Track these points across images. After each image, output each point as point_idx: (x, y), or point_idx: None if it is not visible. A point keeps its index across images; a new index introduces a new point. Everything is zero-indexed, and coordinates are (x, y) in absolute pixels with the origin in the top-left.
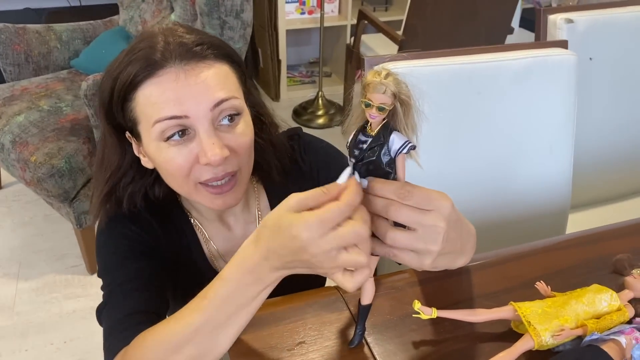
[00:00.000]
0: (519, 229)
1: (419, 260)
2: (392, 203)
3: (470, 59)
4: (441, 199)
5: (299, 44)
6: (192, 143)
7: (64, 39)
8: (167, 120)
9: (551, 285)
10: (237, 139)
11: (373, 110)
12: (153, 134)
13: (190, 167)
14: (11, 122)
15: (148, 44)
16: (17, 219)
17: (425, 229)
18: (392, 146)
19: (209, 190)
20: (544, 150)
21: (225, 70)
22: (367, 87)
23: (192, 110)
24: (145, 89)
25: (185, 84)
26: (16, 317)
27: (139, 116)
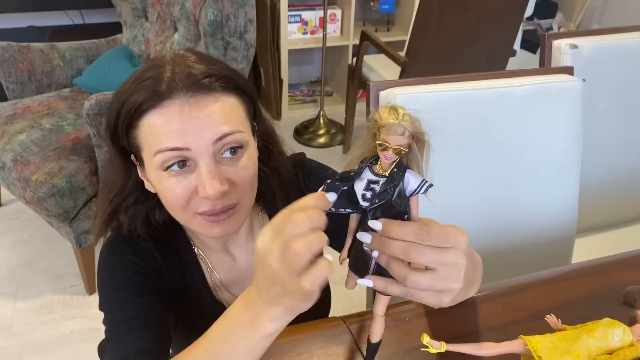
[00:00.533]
0: (524, 256)
1: (439, 299)
2: (411, 245)
3: (476, 85)
4: (458, 234)
5: (301, 64)
6: (192, 175)
7: (67, 57)
8: (168, 151)
9: (560, 317)
10: (239, 172)
11: (389, 152)
12: (154, 163)
13: (189, 198)
14: (13, 141)
15: (156, 73)
16: (16, 238)
17: (447, 267)
18: (407, 186)
19: (205, 219)
20: (549, 177)
21: (232, 103)
22: (383, 128)
23: (194, 143)
24: (149, 118)
25: (189, 117)
26: (13, 338)
27: (142, 144)
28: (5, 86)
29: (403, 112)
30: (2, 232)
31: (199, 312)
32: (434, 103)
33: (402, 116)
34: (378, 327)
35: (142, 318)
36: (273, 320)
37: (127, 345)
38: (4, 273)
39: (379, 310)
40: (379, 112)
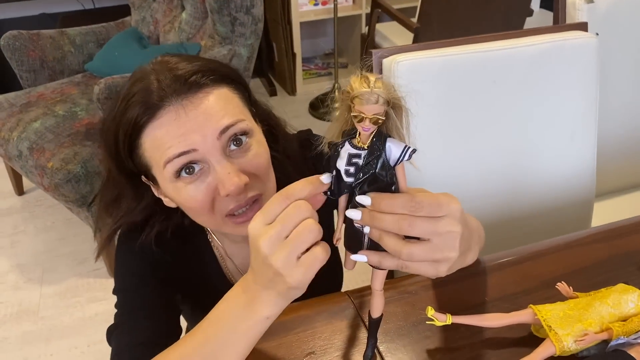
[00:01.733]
0: (541, 223)
1: (435, 269)
2: (403, 218)
3: (484, 47)
4: (450, 202)
5: (314, 36)
6: (208, 177)
7: (77, 42)
8: (176, 158)
9: (574, 284)
10: (252, 161)
11: (367, 123)
12: (167, 175)
13: (212, 201)
14: (28, 129)
15: (142, 86)
16: (40, 224)
17: (441, 237)
18: (390, 156)
19: (235, 221)
20: (564, 139)
21: (225, 93)
22: (356, 99)
23: (199, 142)
24: (149, 134)
25: (187, 119)
26: (40, 322)
27: (149, 161)
28: (19, 75)
29: (374, 79)
30: (26, 219)
31: (214, 298)
32: (440, 68)
33: (373, 83)
34: (378, 302)
35: (151, 309)
36: (268, 304)
37: (131, 335)
38: (29, 259)
39: (377, 285)
40: (350, 82)
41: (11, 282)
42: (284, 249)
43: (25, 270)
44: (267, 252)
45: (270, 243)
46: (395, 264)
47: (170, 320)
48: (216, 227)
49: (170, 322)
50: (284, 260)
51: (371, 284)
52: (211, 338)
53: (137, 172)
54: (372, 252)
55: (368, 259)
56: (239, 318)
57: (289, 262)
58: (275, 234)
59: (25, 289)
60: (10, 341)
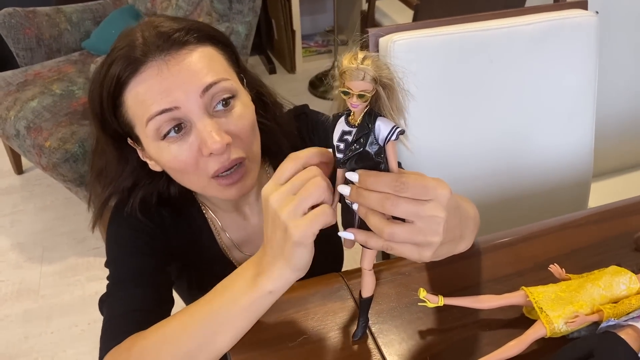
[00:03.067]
0: (538, 203)
1: (419, 253)
2: (387, 197)
3: (482, 26)
4: (438, 187)
5: (314, 12)
6: (190, 136)
7: (74, 20)
8: (158, 115)
9: (567, 266)
10: (236, 122)
11: (353, 99)
12: (149, 134)
13: (196, 161)
14: (25, 108)
15: (126, 43)
16: (39, 203)
17: (424, 220)
18: (379, 134)
19: (220, 182)
20: (563, 119)
21: (209, 52)
22: (344, 74)
23: (181, 99)
24: (131, 90)
25: (169, 74)
26: (41, 300)
27: (132, 119)
28: (16, 53)
29: (364, 56)
30: (25, 199)
31: (210, 273)
32: (437, 47)
33: (361, 60)
34: (368, 281)
35: (141, 278)
36: (273, 276)
37: (122, 304)
38: (29, 238)
39: (365, 264)
40: (341, 62)
41: (12, 261)
42: (291, 202)
43: (25, 249)
44: (276, 206)
45: (279, 198)
46: (380, 244)
47: (161, 288)
48: (202, 190)
49: (162, 290)
50: (291, 212)
51: (360, 263)
52: (215, 309)
53: (122, 134)
54: (360, 230)
55: (355, 237)
56: (242, 291)
57: (295, 214)
58: (285, 191)
59: (26, 267)
60: (12, 319)
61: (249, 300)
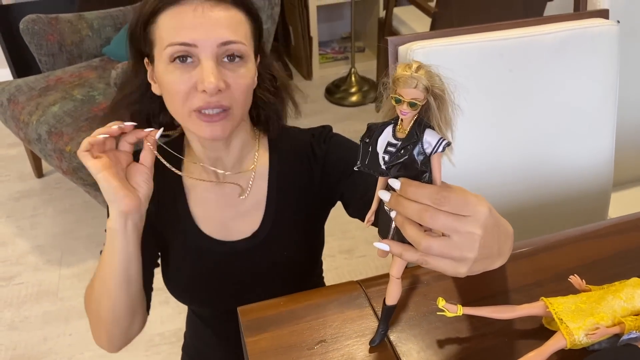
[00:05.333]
0: (557, 213)
1: (454, 268)
2: (426, 209)
3: (501, 35)
4: (478, 204)
5: (331, 19)
6: (194, 70)
7: (95, 26)
8: (177, 45)
9: (587, 277)
10: (236, 78)
11: (404, 107)
12: (164, 56)
13: (188, 92)
14: (47, 113)
15: None
16: (59, 206)
17: (461, 235)
18: (426, 145)
19: (200, 118)
20: (583, 129)
21: (239, 17)
22: (397, 81)
23: (202, 41)
24: (166, 15)
25: (202, 16)
26: (60, 302)
27: (156, 39)
28: (38, 59)
29: (418, 66)
30: (45, 202)
31: (181, 243)
32: (456, 56)
33: (415, 69)
34: (394, 289)
35: None
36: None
37: None
38: (49, 241)
39: (395, 272)
40: (396, 69)
41: (31, 263)
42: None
43: (44, 251)
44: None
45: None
46: (416, 258)
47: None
48: (182, 119)
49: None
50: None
51: (390, 270)
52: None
53: (142, 53)
54: (395, 242)
55: (390, 248)
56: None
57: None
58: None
59: (45, 270)
60: (31, 320)
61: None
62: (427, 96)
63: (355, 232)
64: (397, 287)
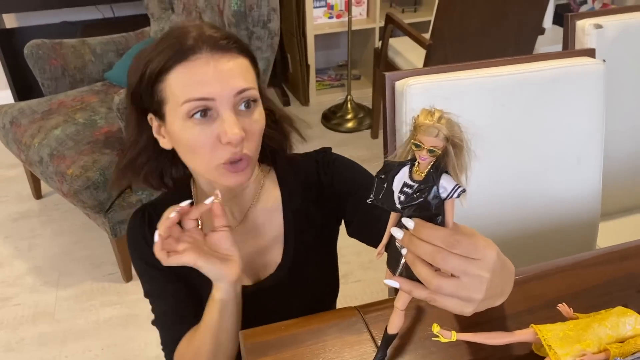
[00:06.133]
0: (547, 243)
1: (461, 307)
2: (439, 251)
3: (494, 72)
4: (487, 247)
5: (328, 48)
6: (214, 124)
7: (97, 52)
8: (195, 101)
9: (575, 305)
10: (252, 124)
11: (423, 153)
12: (180, 113)
13: (212, 145)
14: (49, 136)
15: (180, 33)
16: (56, 228)
17: (470, 278)
18: (442, 189)
19: (227, 168)
20: (571, 162)
21: (246, 64)
22: (419, 128)
23: (219, 94)
24: (177, 72)
25: (215, 70)
26: (56, 324)
27: (168, 97)
28: (41, 83)
29: (440, 115)
30: (43, 223)
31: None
32: (449, 92)
33: (437, 119)
34: (396, 319)
35: (175, 309)
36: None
37: (169, 337)
38: (46, 262)
39: (400, 305)
40: (419, 114)
41: (28, 285)
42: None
43: (41, 273)
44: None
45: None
46: (425, 295)
47: (193, 301)
48: (207, 171)
49: (195, 305)
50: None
51: (395, 302)
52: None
53: (147, 109)
54: (406, 280)
55: (400, 286)
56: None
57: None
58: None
59: (42, 291)
60: (27, 342)
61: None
62: (446, 144)
63: (350, 257)
64: (400, 318)
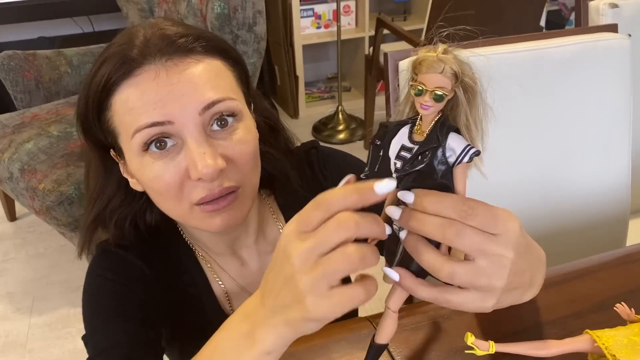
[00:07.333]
0: (571, 241)
1: (480, 301)
2: (450, 223)
3: (509, 48)
4: (509, 219)
5: (317, 60)
6: (179, 155)
7: (74, 63)
8: (147, 128)
9: (632, 305)
10: (235, 147)
11: (426, 98)
12: (134, 147)
13: (180, 184)
14: (20, 150)
15: (125, 40)
16: (32, 251)
17: (489, 259)
18: (449, 152)
19: (203, 208)
20: (597, 149)
21: (217, 66)
22: (419, 66)
23: (177, 114)
24: (121, 93)
25: (167, 82)
26: (28, 355)
27: (118, 127)
28: (14, 96)
29: (444, 48)
30: (18, 246)
31: (203, 327)
32: None
33: (441, 51)
34: (388, 324)
35: (125, 347)
36: (272, 335)
37: None
38: (20, 287)
39: (392, 304)
40: (420, 53)
41: None
42: (317, 271)
43: (14, 299)
44: (298, 266)
45: (304, 257)
46: (433, 295)
47: (148, 349)
48: (182, 218)
49: (148, 353)
50: (314, 283)
51: (386, 300)
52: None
53: (105, 143)
54: (409, 274)
55: (401, 281)
56: (236, 350)
57: (319, 289)
58: (311, 249)
59: (14, 319)
60: None
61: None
62: (454, 86)
63: None
64: (392, 323)
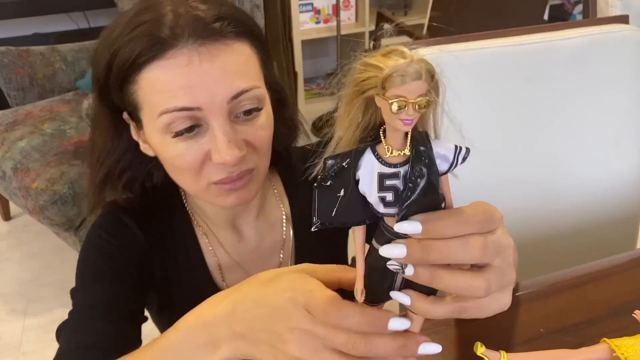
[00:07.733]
0: (579, 241)
1: (501, 302)
2: (474, 238)
3: (517, 40)
4: (495, 211)
5: (316, 56)
6: (203, 138)
7: (69, 59)
8: (176, 112)
9: None
10: (257, 132)
11: (410, 112)
12: (158, 126)
13: (201, 164)
14: (13, 148)
15: (154, 16)
16: (26, 251)
17: (503, 257)
18: (441, 160)
19: (221, 187)
20: (607, 145)
21: (246, 52)
22: (389, 79)
23: (207, 101)
24: (150, 72)
25: (200, 69)
26: (22, 357)
27: (142, 102)
28: (7, 93)
29: (408, 49)
30: (12, 246)
31: (192, 297)
32: (468, 64)
33: (410, 54)
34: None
35: (103, 309)
36: (232, 352)
37: (77, 337)
38: (14, 288)
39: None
40: (369, 62)
41: None
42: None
43: (8, 300)
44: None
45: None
46: (450, 309)
47: (126, 321)
48: (196, 192)
49: (127, 325)
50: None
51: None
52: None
53: (120, 108)
54: (420, 295)
55: (412, 304)
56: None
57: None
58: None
59: (7, 321)
60: None
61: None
62: (432, 88)
63: None
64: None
